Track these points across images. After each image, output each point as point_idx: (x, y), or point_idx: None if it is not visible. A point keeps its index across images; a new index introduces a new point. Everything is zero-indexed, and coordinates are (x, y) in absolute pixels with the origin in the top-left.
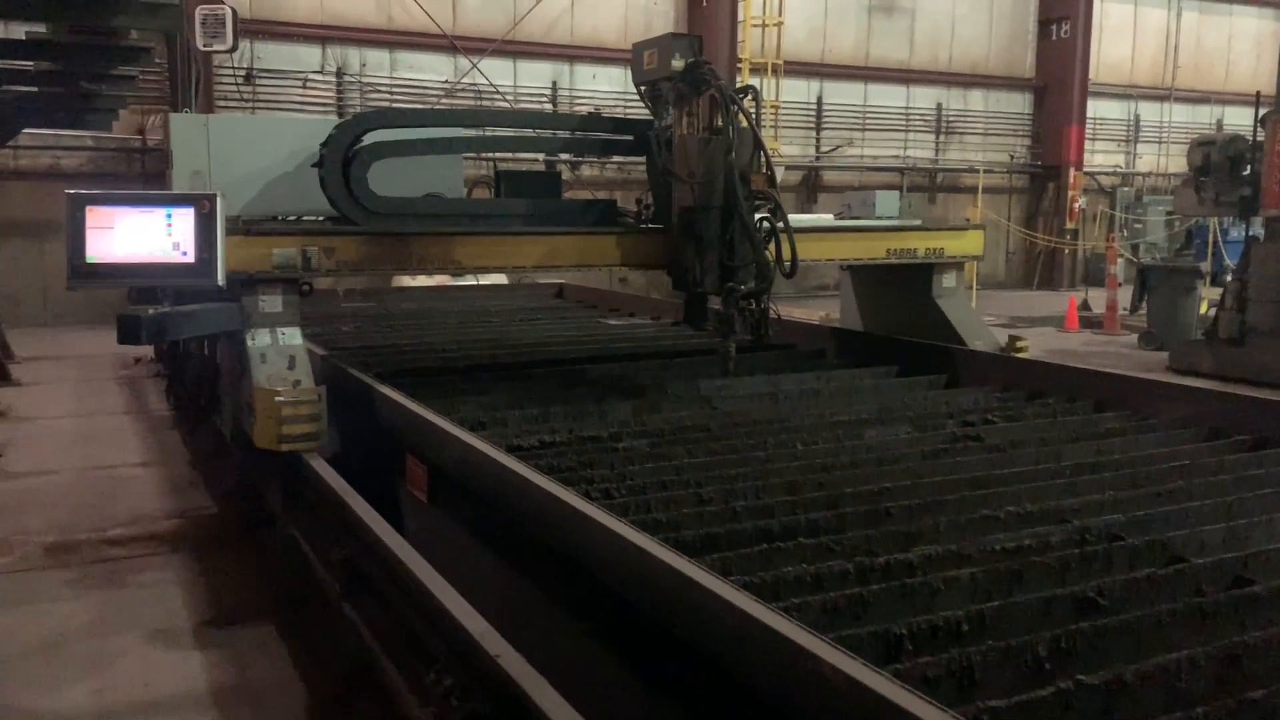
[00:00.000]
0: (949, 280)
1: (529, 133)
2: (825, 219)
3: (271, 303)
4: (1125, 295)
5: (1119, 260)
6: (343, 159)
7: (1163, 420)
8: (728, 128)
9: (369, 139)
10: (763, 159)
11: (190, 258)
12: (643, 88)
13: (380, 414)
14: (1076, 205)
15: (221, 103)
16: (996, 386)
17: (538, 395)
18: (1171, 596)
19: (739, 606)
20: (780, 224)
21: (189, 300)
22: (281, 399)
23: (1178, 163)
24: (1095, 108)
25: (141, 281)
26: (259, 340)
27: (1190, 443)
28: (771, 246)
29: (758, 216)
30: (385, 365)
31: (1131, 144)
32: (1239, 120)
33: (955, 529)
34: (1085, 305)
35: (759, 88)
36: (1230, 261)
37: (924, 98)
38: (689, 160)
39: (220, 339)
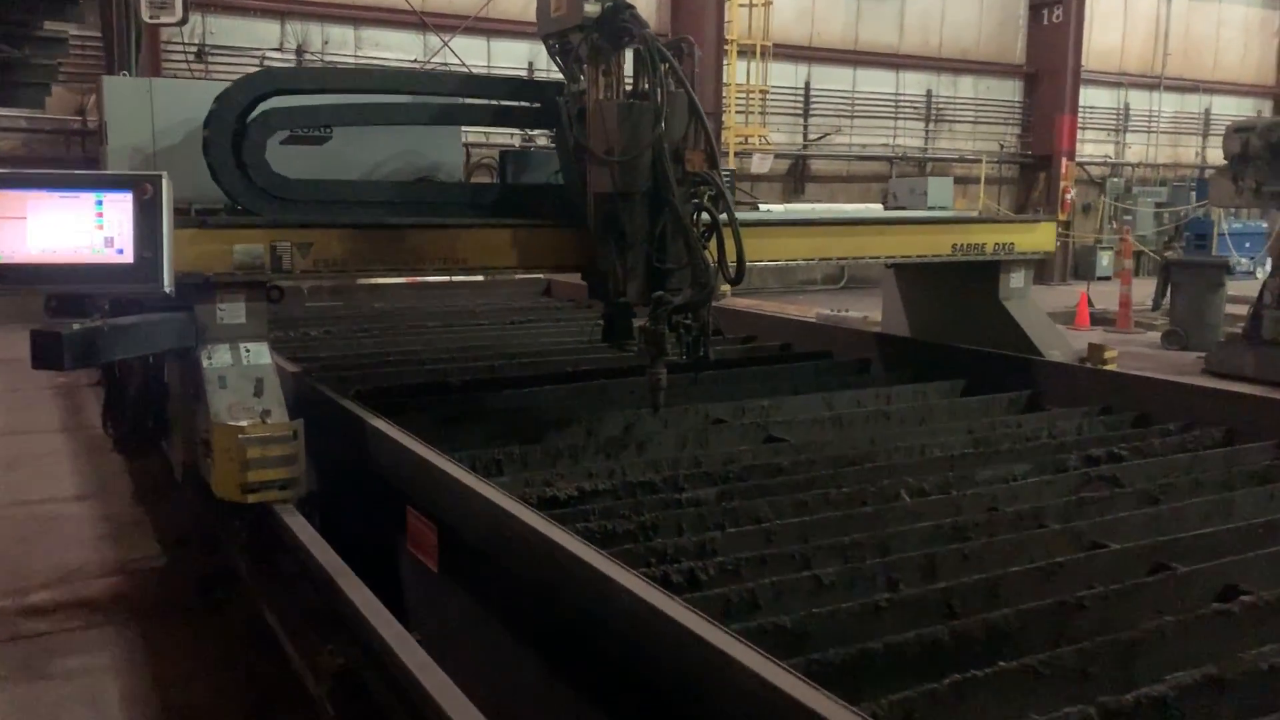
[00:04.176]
0: (1017, 280)
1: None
2: (874, 209)
3: (233, 312)
4: (1110, 289)
5: (1108, 254)
6: (232, 136)
7: None
8: (655, 91)
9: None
10: (702, 132)
11: (128, 256)
12: (552, 43)
13: (373, 455)
14: (1068, 196)
15: None
16: (1092, 408)
17: (557, 421)
18: None
19: None
20: (724, 215)
21: (127, 310)
22: (246, 437)
23: (1167, 153)
24: (1085, 96)
25: (64, 287)
26: (217, 360)
27: None
28: (713, 245)
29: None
30: (367, 382)
31: (1121, 133)
32: (1225, 110)
33: (1185, 633)
34: (1089, 301)
35: (747, 71)
36: (1239, 256)
37: (914, 84)
38: (607, 133)
39: (168, 356)
